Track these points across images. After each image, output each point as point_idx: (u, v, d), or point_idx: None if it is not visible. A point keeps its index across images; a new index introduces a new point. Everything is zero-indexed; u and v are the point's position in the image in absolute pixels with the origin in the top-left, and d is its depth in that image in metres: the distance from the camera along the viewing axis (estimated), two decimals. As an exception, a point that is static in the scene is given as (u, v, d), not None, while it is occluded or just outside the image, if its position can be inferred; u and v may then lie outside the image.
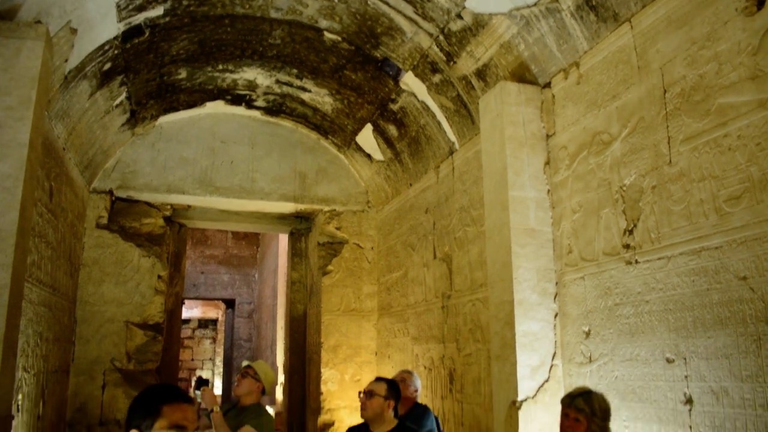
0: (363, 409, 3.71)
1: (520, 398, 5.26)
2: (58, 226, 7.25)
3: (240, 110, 9.81)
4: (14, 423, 5.48)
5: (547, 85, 5.80)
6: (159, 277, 9.40)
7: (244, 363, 4.19)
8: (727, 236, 3.84)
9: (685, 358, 4.09)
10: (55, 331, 7.40)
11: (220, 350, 22.24)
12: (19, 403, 5.91)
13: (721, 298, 3.86)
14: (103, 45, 6.43)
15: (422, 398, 6.23)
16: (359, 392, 3.83)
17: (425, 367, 7.84)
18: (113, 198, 9.42)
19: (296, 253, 11.27)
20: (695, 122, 4.14)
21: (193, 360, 23.14)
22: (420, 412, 4.84)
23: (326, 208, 10.12)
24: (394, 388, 3.90)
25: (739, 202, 3.79)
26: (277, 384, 14.20)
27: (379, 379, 3.94)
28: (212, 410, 3.88)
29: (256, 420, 3.93)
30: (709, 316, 3.94)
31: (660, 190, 4.39)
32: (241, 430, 3.84)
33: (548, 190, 5.69)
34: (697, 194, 4.09)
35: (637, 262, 4.57)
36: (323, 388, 9.51)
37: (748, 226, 3.72)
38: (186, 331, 22.44)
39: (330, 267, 9.96)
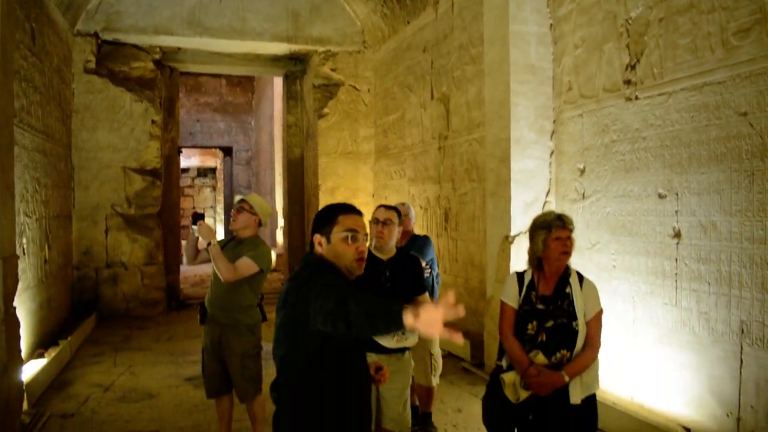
0: (380, 237, 3.63)
1: (513, 233, 5.40)
2: (44, 70, 7.03)
3: (225, -59, 9.18)
4: (22, 265, 5.66)
5: None
6: (153, 122, 9.30)
7: (237, 198, 4.17)
8: (732, 71, 3.73)
9: (677, 194, 4.14)
10: (52, 178, 7.44)
11: (221, 198, 22.59)
12: (24, 246, 6.07)
13: (719, 134, 3.83)
14: None
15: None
16: (370, 222, 3.68)
17: (421, 207, 7.99)
18: (99, 41, 9.08)
19: (291, 97, 11.09)
20: (710, -54, 3.87)
21: (194, 208, 23.55)
22: (423, 242, 4.79)
23: (321, 49, 9.80)
24: (400, 213, 3.96)
25: (748, 34, 3.64)
26: (275, 217, 14.54)
27: (388, 207, 3.89)
28: (209, 243, 3.95)
29: (253, 251, 4.03)
30: (705, 152, 3.92)
31: (667, 23, 4.20)
32: (237, 262, 3.96)
33: (551, 25, 5.45)
34: (705, 27, 3.92)
35: (637, 98, 4.48)
36: (322, 229, 9.74)
37: (754, 60, 3.60)
38: (186, 180, 22.62)
39: (326, 110, 9.83)
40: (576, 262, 3.14)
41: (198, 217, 4.04)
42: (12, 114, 4.92)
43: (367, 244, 2.30)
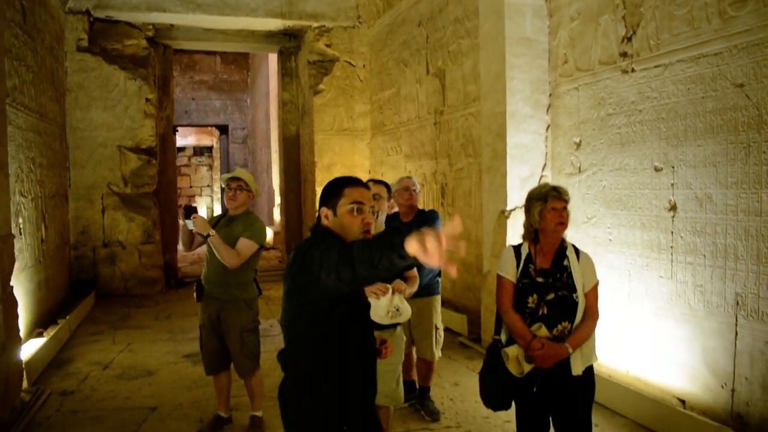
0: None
1: (509, 208, 5.40)
2: (36, 48, 6.96)
3: None
4: (18, 245, 5.65)
5: None
6: (147, 100, 9.24)
7: (225, 176, 4.12)
8: (729, 42, 3.70)
9: (673, 167, 4.13)
10: (47, 157, 7.41)
11: (217, 177, 22.50)
12: (21, 226, 6.06)
13: (715, 106, 3.81)
14: None
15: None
16: None
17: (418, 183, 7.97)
18: (91, 18, 8.98)
19: (286, 73, 11.01)
20: None
21: (191, 187, 23.50)
22: (431, 216, 4.62)
23: (315, 24, 9.70)
24: (389, 188, 3.94)
25: (744, 5, 3.60)
26: (272, 195, 14.55)
27: (377, 182, 3.86)
28: (209, 235, 3.93)
29: (249, 230, 4.01)
30: (701, 125, 3.91)
31: (663, -7, 4.16)
32: (237, 246, 3.95)
33: (546, -3, 5.39)
34: (702, -3, 3.88)
35: (633, 70, 4.45)
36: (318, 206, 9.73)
37: (751, 31, 3.56)
38: (182, 159, 22.51)
39: (321, 86, 9.76)
40: (572, 236, 3.15)
41: (191, 211, 4.02)
42: (4, 93, 4.88)
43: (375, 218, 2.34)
